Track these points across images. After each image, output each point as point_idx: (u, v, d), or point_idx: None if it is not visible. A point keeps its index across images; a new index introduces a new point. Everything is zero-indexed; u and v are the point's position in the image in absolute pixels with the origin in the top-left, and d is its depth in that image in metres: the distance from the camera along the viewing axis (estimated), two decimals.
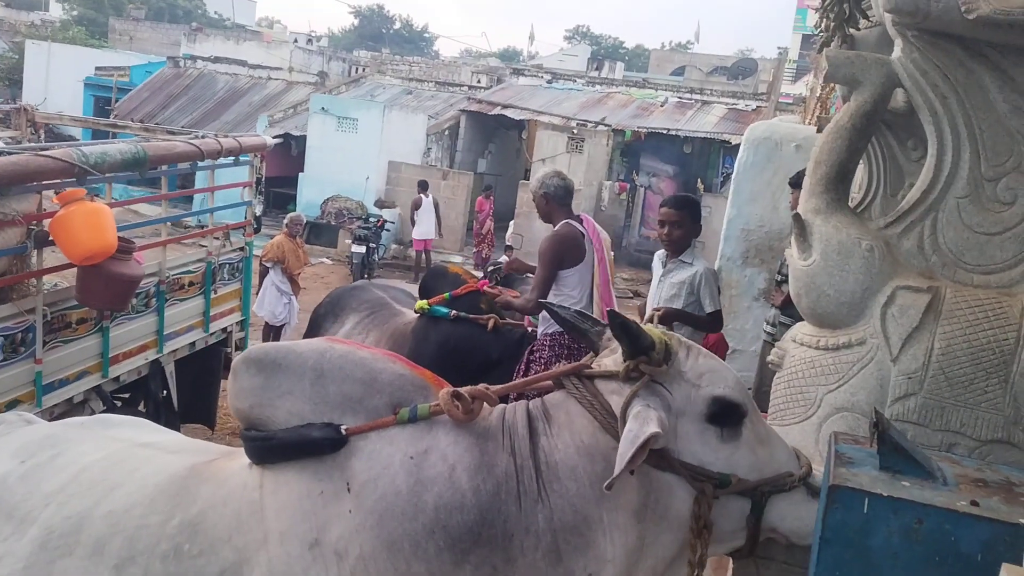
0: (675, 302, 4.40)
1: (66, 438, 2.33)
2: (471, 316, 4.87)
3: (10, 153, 4.30)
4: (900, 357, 2.07)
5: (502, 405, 2.00)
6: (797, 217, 2.25)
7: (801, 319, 2.55)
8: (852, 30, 2.76)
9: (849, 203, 2.44)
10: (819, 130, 3.24)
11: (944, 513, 1.35)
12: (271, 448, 1.93)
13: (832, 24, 2.74)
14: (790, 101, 22.14)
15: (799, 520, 1.81)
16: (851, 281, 2.14)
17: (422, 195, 15.87)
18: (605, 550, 1.80)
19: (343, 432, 1.87)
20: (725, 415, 1.84)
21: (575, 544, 1.80)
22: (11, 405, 4.36)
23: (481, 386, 1.93)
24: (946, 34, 2.09)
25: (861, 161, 2.60)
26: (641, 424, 1.73)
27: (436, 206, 15.91)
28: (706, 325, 4.49)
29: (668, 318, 4.16)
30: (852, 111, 2.22)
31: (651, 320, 4.01)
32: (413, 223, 15.91)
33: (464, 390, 1.89)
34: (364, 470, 1.85)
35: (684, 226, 4.49)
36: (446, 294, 5.00)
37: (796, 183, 4.68)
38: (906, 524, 1.37)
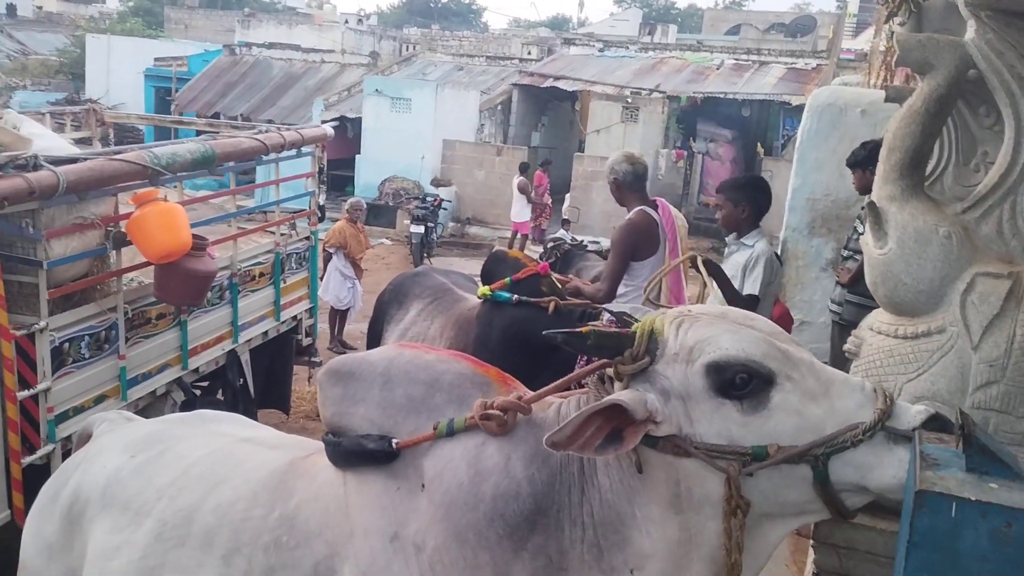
0: (734, 283, 4.37)
1: (171, 434, 2.48)
2: (532, 300, 4.90)
3: (86, 159, 4.44)
4: (981, 345, 2.04)
5: (559, 400, 2.00)
6: (872, 205, 2.22)
7: (868, 297, 2.52)
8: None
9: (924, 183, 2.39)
10: (887, 99, 3.17)
11: None
12: (339, 454, 2.04)
13: None
14: (852, 57, 21.49)
15: (882, 473, 1.64)
16: (929, 269, 2.11)
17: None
18: (643, 545, 1.78)
19: (394, 445, 1.95)
20: (735, 384, 1.69)
21: (613, 540, 1.80)
22: (98, 400, 4.56)
23: (514, 396, 1.94)
24: (1021, 14, 2.03)
25: None
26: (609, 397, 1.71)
27: (522, 189, 15.76)
28: (739, 306, 4.40)
29: (709, 265, 4.10)
30: (925, 95, 2.18)
31: (692, 262, 4.01)
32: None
33: (496, 403, 1.90)
34: (432, 466, 1.91)
35: (726, 208, 4.47)
36: (507, 279, 5.04)
37: (854, 163, 4.59)
38: (995, 527, 1.37)
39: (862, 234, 4.30)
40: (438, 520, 1.86)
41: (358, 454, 1.98)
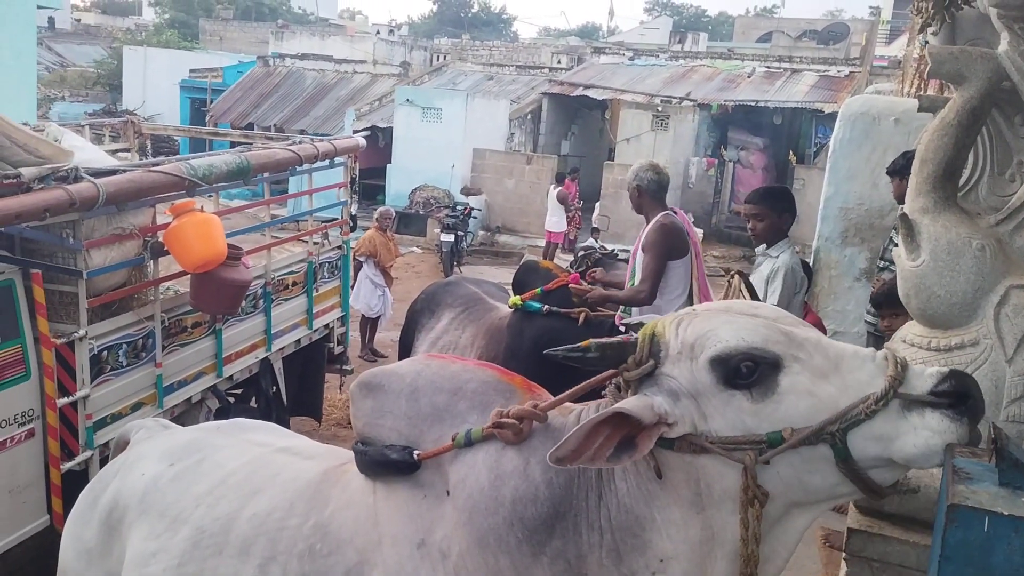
0: (759, 296, 4.37)
1: (209, 443, 2.53)
2: (563, 310, 4.92)
3: (125, 170, 4.52)
4: (1015, 358, 2.02)
5: (580, 405, 2.00)
6: (904, 217, 2.21)
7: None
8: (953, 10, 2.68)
9: (957, 195, 2.37)
10: (920, 108, 3.15)
11: None
12: (366, 464, 2.08)
13: (932, 8, 2.67)
14: (885, 64, 21.31)
15: (903, 442, 1.59)
16: (962, 281, 2.09)
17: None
18: (664, 548, 1.77)
19: (415, 457, 1.98)
20: (741, 373, 1.67)
21: (632, 544, 1.79)
22: (135, 407, 4.64)
23: (528, 403, 1.94)
24: None
25: None
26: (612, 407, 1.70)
27: (561, 199, 15.68)
28: None
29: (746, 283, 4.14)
30: (958, 107, 2.17)
31: (728, 282, 4.03)
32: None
33: (511, 412, 1.90)
34: (455, 472, 1.93)
35: (764, 219, 4.46)
36: (538, 289, 5.06)
37: (894, 171, 4.57)
38: None
39: (897, 245, 4.29)
40: (461, 525, 1.88)
41: (383, 464, 2.02)
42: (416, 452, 1.99)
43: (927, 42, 3.42)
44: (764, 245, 4.52)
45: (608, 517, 1.81)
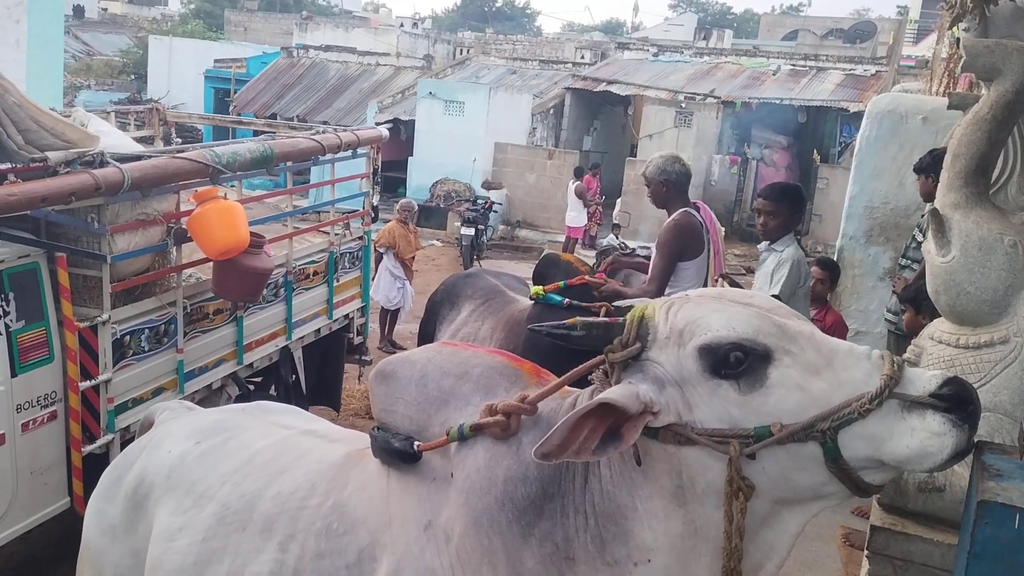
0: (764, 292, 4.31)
1: (234, 424, 2.56)
2: (583, 304, 4.89)
3: (150, 157, 4.55)
4: None
5: (577, 391, 1.96)
6: (935, 212, 2.18)
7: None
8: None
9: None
10: (950, 105, 3.10)
11: None
12: (375, 449, 2.10)
13: (969, 2, 2.63)
14: (912, 64, 21.10)
15: (896, 443, 1.54)
16: (993, 278, 2.06)
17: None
18: (645, 539, 1.74)
19: (415, 448, 1.99)
20: (729, 363, 1.62)
21: (614, 532, 1.76)
22: (156, 392, 4.67)
23: (517, 396, 1.92)
24: None
25: None
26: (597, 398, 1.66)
27: (579, 193, 15.62)
28: None
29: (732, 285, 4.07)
30: (992, 101, 2.13)
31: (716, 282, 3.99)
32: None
33: (500, 406, 1.88)
34: (459, 454, 1.95)
35: (779, 216, 4.33)
36: (561, 282, 5.04)
37: (920, 169, 4.52)
38: None
39: (921, 242, 4.24)
40: (460, 506, 1.89)
41: (388, 451, 2.04)
42: (416, 443, 2.01)
43: (958, 39, 3.37)
44: (767, 242, 4.44)
45: (592, 502, 1.79)
